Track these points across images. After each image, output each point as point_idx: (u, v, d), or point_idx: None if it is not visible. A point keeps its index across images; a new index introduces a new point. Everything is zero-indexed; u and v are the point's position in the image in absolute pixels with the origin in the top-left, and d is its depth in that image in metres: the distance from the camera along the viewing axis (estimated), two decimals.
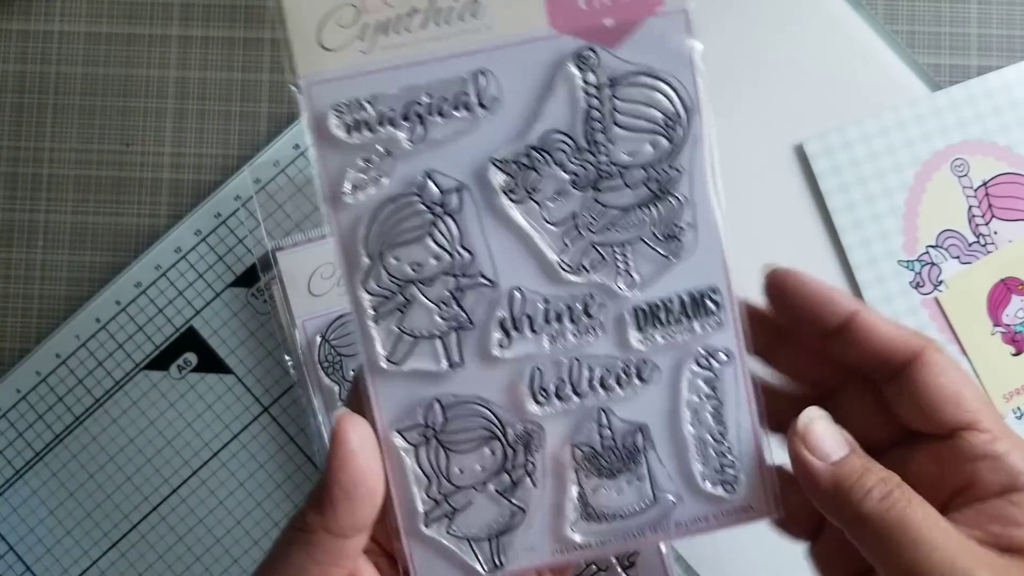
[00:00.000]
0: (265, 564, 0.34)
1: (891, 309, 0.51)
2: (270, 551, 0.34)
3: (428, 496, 0.35)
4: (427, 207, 0.35)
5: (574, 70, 0.34)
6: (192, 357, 0.53)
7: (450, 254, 0.35)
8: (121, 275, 0.53)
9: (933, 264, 0.51)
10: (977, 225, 0.52)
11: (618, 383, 0.35)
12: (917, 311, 0.51)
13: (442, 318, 0.35)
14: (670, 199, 0.35)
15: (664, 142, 0.35)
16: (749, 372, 0.35)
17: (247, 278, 0.53)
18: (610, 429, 0.35)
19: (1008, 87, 0.52)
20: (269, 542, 0.53)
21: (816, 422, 0.33)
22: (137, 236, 0.54)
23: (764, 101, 0.53)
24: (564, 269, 0.35)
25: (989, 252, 0.51)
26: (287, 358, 0.52)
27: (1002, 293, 0.51)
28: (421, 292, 0.35)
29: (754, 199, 0.52)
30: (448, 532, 0.36)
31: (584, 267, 0.35)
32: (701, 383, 0.35)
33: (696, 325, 0.35)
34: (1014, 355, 0.51)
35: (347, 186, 0.35)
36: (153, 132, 0.54)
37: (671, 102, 0.35)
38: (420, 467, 0.35)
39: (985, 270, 0.51)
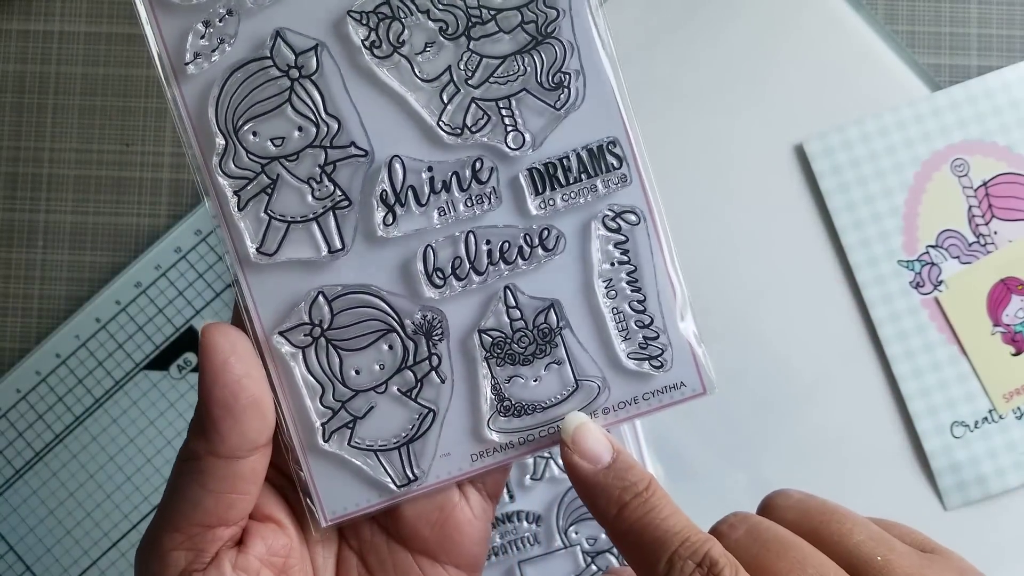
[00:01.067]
0: (160, 506, 0.31)
1: (891, 309, 0.51)
2: (164, 492, 0.31)
3: (323, 405, 0.32)
4: (282, 71, 0.31)
5: None
6: (192, 357, 0.53)
7: (315, 124, 0.31)
8: (121, 275, 0.53)
9: (933, 264, 0.51)
10: (977, 225, 0.52)
11: (521, 255, 0.32)
12: (917, 311, 0.51)
13: (315, 197, 0.31)
14: (552, 43, 0.31)
15: None
16: (664, 230, 0.32)
17: None
18: (518, 308, 0.32)
19: (1008, 87, 0.52)
20: None
21: (582, 429, 0.31)
22: (137, 236, 0.54)
23: (764, 101, 0.53)
24: (445, 131, 0.31)
25: (989, 252, 0.51)
26: None
27: (1002, 293, 0.51)
28: (287, 170, 0.31)
29: (754, 199, 0.52)
30: (351, 444, 0.32)
31: (468, 127, 0.31)
32: (612, 248, 0.32)
33: (599, 183, 0.32)
34: (1014, 355, 0.51)
35: (188, 55, 0.31)
36: (153, 132, 0.54)
37: None
38: (311, 372, 0.32)
39: (985, 270, 0.51)
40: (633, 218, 0.32)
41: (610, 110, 0.32)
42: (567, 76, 0.32)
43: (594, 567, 0.49)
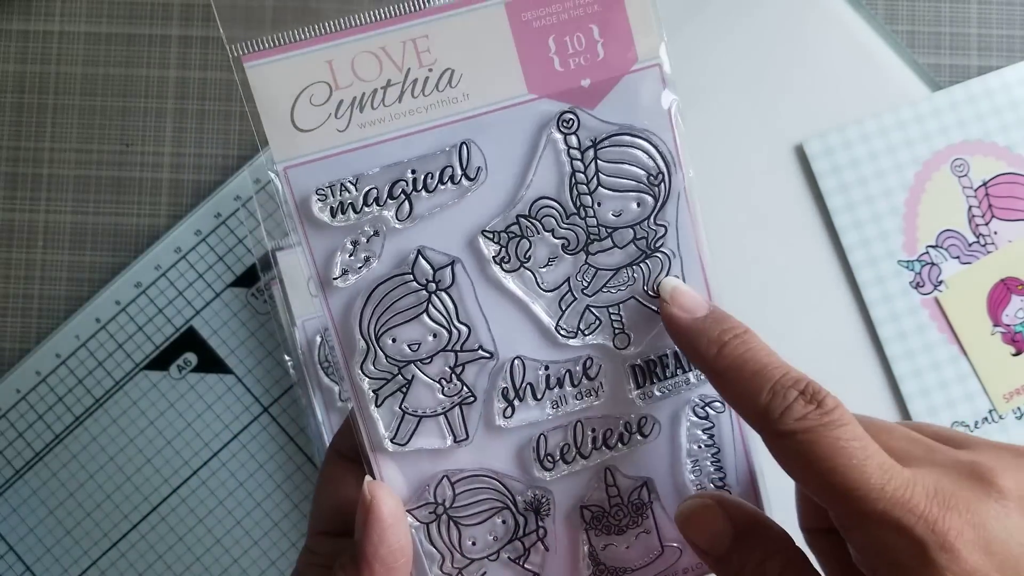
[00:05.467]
0: None
1: (891, 309, 0.51)
2: None
3: (442, 571, 0.35)
4: (420, 285, 0.34)
5: (557, 134, 0.34)
6: (192, 357, 0.53)
7: (447, 330, 0.35)
8: (121, 275, 0.53)
9: (933, 264, 0.51)
10: (977, 225, 0.52)
11: (621, 440, 0.36)
12: (917, 311, 0.51)
13: (444, 395, 0.35)
14: (658, 255, 0.35)
15: (649, 199, 0.35)
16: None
17: (247, 278, 0.53)
18: (616, 487, 0.36)
19: (1008, 87, 0.52)
20: (269, 542, 0.53)
21: (678, 288, 0.35)
22: (137, 236, 0.54)
23: (764, 101, 0.53)
24: (562, 334, 0.35)
25: (989, 252, 0.51)
26: (287, 358, 0.52)
27: (1002, 293, 0.51)
28: (421, 371, 0.35)
29: (754, 199, 0.52)
30: None
31: (581, 330, 0.35)
32: (699, 432, 0.36)
33: (691, 376, 0.36)
34: (1014, 355, 0.51)
35: (337, 270, 0.34)
36: (153, 132, 0.54)
37: (652, 159, 0.35)
38: (432, 543, 0.35)
39: (985, 270, 0.51)
40: (719, 406, 0.36)
41: None
42: None
43: None
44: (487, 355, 0.35)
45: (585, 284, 0.35)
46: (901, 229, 0.52)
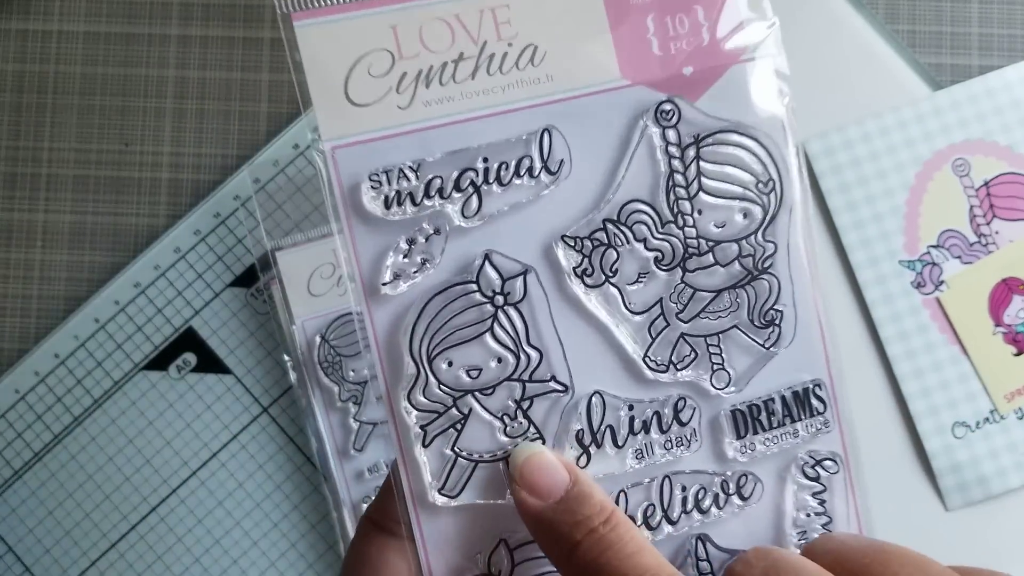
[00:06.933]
0: None
1: (892, 309, 0.51)
2: None
3: None
4: (486, 297, 0.29)
5: (654, 127, 0.29)
6: (191, 357, 0.53)
7: (515, 355, 0.29)
8: (120, 275, 0.53)
9: (934, 264, 0.51)
10: (978, 225, 0.51)
11: (716, 503, 0.30)
12: (918, 311, 0.51)
13: (507, 434, 0.29)
14: (764, 278, 0.30)
15: (757, 210, 0.30)
16: (858, 479, 0.31)
17: (247, 278, 0.53)
18: (708, 562, 0.30)
19: (1009, 87, 0.52)
20: (269, 542, 0.53)
21: (530, 461, 0.28)
22: (136, 236, 0.54)
23: None
24: (650, 367, 0.29)
25: (990, 252, 0.51)
26: (286, 358, 0.52)
27: (1003, 293, 0.51)
28: (480, 403, 0.29)
29: None
30: None
31: (673, 363, 0.29)
32: (808, 498, 0.30)
33: (800, 428, 0.30)
34: (1015, 355, 0.51)
35: (387, 275, 0.28)
36: (152, 132, 0.54)
37: (763, 163, 0.30)
38: None
39: (986, 270, 0.51)
40: (832, 466, 0.30)
41: (816, 351, 0.30)
42: (778, 314, 0.30)
43: None
44: (560, 388, 0.29)
45: (680, 308, 0.29)
46: (902, 229, 0.51)
